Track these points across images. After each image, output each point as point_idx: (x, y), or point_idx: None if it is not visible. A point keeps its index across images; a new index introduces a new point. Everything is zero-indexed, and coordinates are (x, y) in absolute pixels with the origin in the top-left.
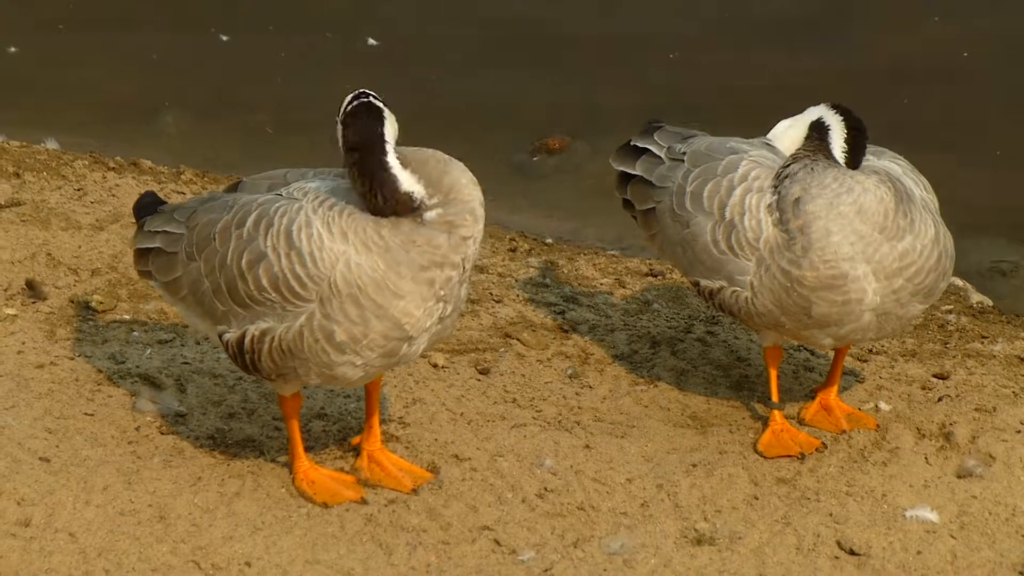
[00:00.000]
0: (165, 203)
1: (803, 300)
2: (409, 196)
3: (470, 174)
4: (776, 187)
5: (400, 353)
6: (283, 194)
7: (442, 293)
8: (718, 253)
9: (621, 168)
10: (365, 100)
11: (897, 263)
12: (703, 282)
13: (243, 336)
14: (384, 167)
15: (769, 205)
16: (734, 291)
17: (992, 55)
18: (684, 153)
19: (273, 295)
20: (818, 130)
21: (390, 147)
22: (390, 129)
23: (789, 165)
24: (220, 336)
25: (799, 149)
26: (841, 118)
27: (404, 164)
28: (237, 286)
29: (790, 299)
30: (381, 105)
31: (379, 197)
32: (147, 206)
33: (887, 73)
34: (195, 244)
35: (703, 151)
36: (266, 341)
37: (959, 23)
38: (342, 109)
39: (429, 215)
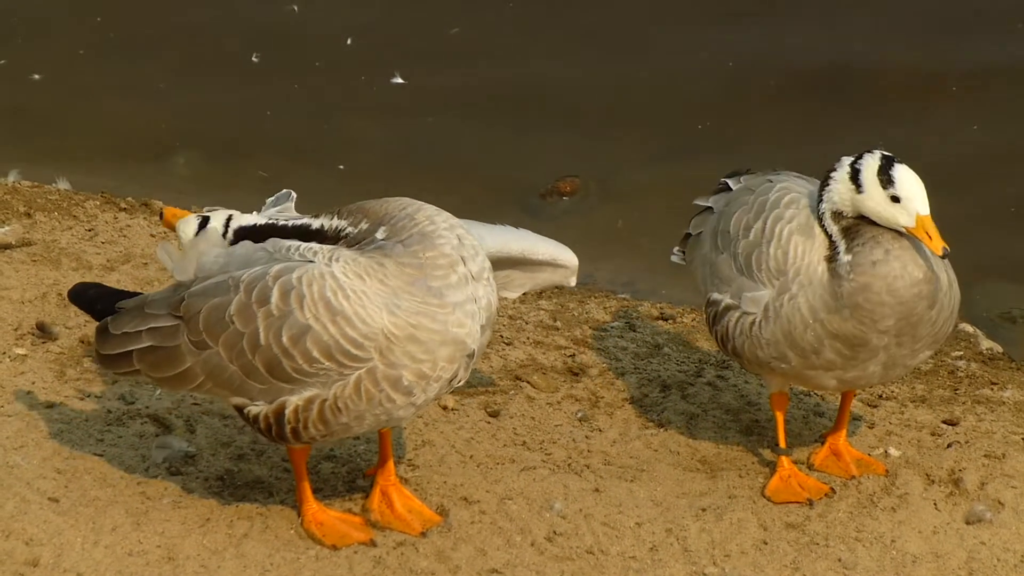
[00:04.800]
0: (117, 294)
1: (816, 341)
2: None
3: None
4: (846, 237)
5: (460, 375)
6: (295, 255)
7: (463, 297)
8: (735, 270)
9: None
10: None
11: (929, 328)
12: (714, 296)
13: (282, 408)
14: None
15: (827, 256)
16: (742, 315)
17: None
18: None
19: (327, 363)
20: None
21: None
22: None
23: (861, 226)
24: (242, 409)
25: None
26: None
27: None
28: (280, 364)
29: (805, 335)
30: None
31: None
32: (96, 299)
33: (910, 123)
34: (204, 331)
35: (751, 182)
36: (314, 408)
37: (972, 93)
38: None
39: (384, 243)
